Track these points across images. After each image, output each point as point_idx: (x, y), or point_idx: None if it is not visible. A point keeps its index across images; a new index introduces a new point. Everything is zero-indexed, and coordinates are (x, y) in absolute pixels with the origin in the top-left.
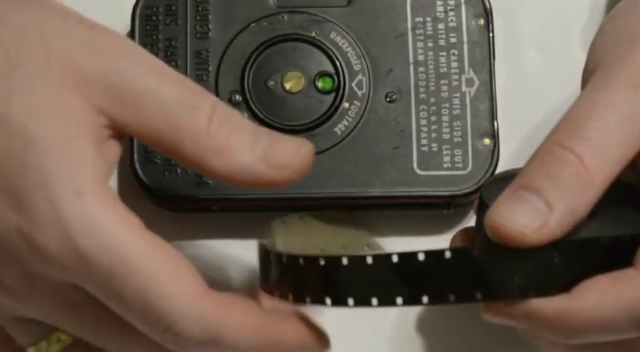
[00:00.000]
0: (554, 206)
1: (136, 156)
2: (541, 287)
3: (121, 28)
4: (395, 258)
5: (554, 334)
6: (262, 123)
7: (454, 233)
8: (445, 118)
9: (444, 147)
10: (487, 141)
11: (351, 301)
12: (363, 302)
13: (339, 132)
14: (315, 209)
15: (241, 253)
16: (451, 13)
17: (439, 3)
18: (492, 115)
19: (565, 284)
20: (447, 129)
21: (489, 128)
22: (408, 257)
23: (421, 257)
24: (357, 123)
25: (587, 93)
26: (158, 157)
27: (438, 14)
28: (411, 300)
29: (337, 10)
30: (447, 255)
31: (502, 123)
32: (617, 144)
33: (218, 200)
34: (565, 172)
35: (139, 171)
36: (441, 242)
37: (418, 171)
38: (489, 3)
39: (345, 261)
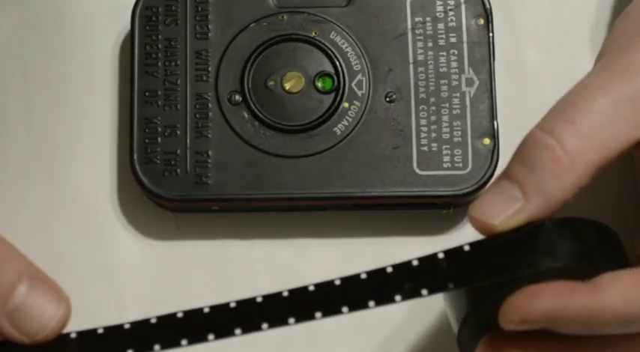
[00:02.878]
0: (528, 193)
1: (136, 156)
2: None
3: (121, 28)
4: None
5: (579, 330)
6: (262, 123)
7: (454, 233)
8: (445, 118)
9: (443, 147)
10: (487, 140)
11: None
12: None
13: (338, 132)
14: (315, 209)
15: (241, 253)
16: (451, 13)
17: (439, 3)
18: (492, 115)
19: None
20: (447, 129)
21: (489, 128)
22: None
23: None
24: (357, 123)
25: (581, 80)
26: (158, 157)
27: (437, 14)
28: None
29: (337, 10)
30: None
31: (502, 123)
32: (607, 128)
33: (218, 200)
34: (541, 156)
35: (139, 171)
36: (440, 242)
37: (418, 171)
38: (489, 3)
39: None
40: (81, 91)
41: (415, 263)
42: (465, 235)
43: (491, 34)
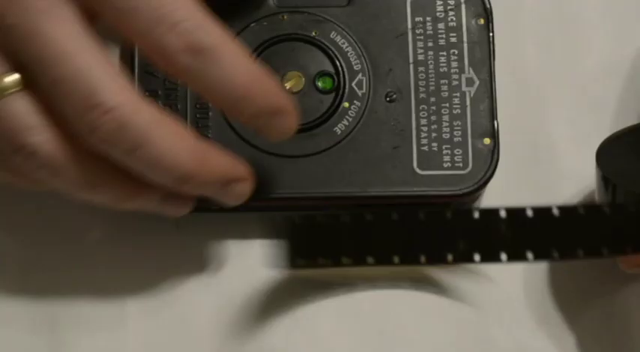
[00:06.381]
0: None
1: None
2: None
3: None
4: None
5: None
6: None
7: None
8: (445, 118)
9: (444, 147)
10: (487, 140)
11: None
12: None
13: (338, 132)
14: (315, 209)
15: (241, 253)
16: (451, 13)
17: (439, 3)
18: (492, 115)
19: None
20: (447, 129)
21: (489, 127)
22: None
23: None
24: (357, 123)
25: None
26: None
27: (438, 14)
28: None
29: (337, 9)
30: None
31: (502, 123)
32: None
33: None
34: None
35: None
36: None
37: (418, 171)
38: (489, 3)
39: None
40: None
41: None
42: None
43: (491, 34)
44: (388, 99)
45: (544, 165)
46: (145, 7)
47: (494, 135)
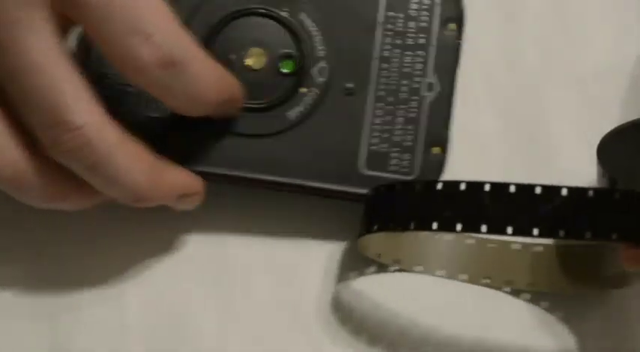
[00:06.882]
0: None
1: None
2: None
3: None
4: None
5: None
6: None
7: None
8: (399, 120)
9: (392, 150)
10: (437, 149)
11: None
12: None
13: (291, 117)
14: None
15: (241, 253)
16: (424, 13)
17: (414, 0)
18: (447, 124)
19: None
20: (400, 132)
21: (441, 137)
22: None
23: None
24: (311, 111)
25: None
26: None
27: (411, 12)
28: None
29: None
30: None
31: (502, 123)
32: None
33: None
34: None
35: None
36: None
37: (362, 170)
38: (463, 9)
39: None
40: None
41: None
42: None
43: (459, 41)
44: (346, 91)
45: (544, 165)
46: (121, 16)
47: (444, 145)
